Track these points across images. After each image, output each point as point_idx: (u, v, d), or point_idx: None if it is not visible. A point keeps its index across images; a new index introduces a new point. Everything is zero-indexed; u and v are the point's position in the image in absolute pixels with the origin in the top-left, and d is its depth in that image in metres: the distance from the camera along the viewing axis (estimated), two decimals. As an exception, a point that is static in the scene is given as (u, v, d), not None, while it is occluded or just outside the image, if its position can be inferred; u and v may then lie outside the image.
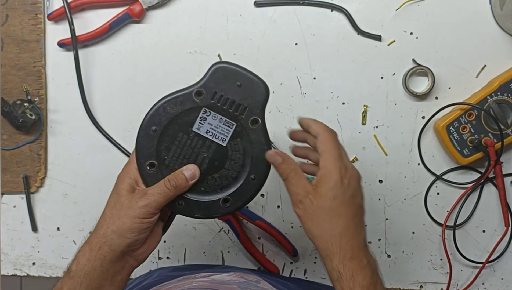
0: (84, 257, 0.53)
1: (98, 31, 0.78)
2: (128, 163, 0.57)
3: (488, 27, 0.77)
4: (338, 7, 0.78)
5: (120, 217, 0.53)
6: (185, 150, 0.56)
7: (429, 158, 0.80)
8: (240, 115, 0.55)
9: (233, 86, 0.55)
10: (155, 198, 0.54)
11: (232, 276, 0.69)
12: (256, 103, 0.56)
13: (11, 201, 0.83)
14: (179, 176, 0.55)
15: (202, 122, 0.55)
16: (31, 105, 0.78)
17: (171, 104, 0.55)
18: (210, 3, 0.79)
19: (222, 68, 0.55)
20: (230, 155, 0.57)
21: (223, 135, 0.56)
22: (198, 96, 0.55)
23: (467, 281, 0.81)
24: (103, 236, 0.53)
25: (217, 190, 0.57)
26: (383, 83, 0.79)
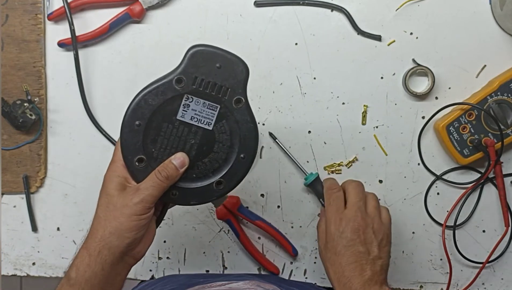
0: (83, 263, 0.52)
1: (98, 31, 0.78)
2: (113, 162, 0.56)
3: (488, 27, 0.77)
4: (338, 7, 0.78)
5: (116, 217, 0.52)
6: (171, 140, 0.55)
7: (429, 158, 0.80)
8: (223, 96, 0.55)
9: (212, 69, 0.54)
10: (149, 192, 0.53)
11: (248, 285, 0.69)
12: (238, 82, 0.55)
13: (11, 201, 0.83)
14: (169, 166, 0.54)
15: (186, 109, 0.55)
16: (31, 105, 0.78)
17: (152, 95, 0.54)
18: (210, 3, 0.79)
19: (199, 52, 0.54)
20: (217, 138, 0.56)
21: (208, 119, 0.55)
22: (178, 83, 0.54)
23: (467, 281, 0.81)
24: (101, 240, 0.52)
25: (208, 174, 0.57)
26: (383, 83, 0.79)
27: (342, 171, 0.81)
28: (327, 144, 0.80)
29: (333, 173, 0.81)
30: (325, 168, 0.81)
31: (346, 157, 0.80)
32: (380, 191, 0.81)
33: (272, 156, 0.81)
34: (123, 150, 0.55)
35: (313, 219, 0.81)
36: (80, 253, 0.53)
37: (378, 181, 0.81)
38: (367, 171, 0.80)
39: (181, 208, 0.82)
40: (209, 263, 0.83)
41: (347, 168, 0.80)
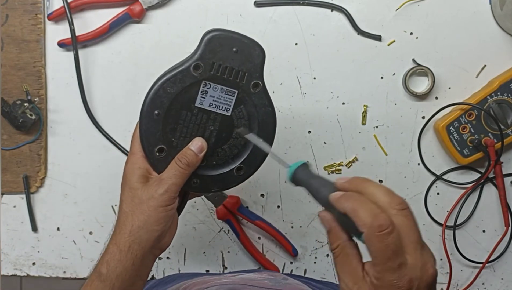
0: (114, 259, 0.51)
1: (98, 31, 0.78)
2: (132, 154, 0.55)
3: (488, 27, 0.77)
4: (338, 7, 0.78)
5: (143, 211, 0.52)
6: (190, 127, 0.54)
7: (429, 158, 0.80)
8: (240, 81, 0.54)
9: (230, 53, 0.53)
10: (173, 181, 0.52)
11: (259, 275, 0.69)
12: (255, 66, 0.54)
13: (11, 201, 0.83)
14: (188, 152, 0.54)
15: (204, 96, 0.54)
16: (31, 105, 0.78)
17: (170, 83, 0.52)
18: (210, 3, 0.79)
19: (216, 37, 0.52)
20: (236, 124, 0.55)
21: (226, 104, 0.54)
22: (196, 70, 0.52)
23: (467, 281, 0.81)
24: (130, 235, 0.52)
25: (228, 160, 0.56)
26: (383, 83, 0.79)
27: (342, 171, 0.81)
28: (327, 144, 0.80)
29: (333, 173, 0.81)
30: (325, 168, 0.81)
31: (346, 157, 0.80)
32: (380, 191, 0.81)
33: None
34: (143, 140, 0.54)
35: (313, 219, 0.81)
36: (110, 249, 0.52)
37: (378, 181, 0.81)
38: (367, 171, 0.80)
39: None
40: (209, 263, 0.83)
41: (347, 168, 0.80)
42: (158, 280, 0.80)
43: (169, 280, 0.76)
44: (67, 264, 0.84)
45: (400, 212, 0.41)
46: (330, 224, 0.45)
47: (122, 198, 0.54)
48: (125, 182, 0.54)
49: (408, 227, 0.40)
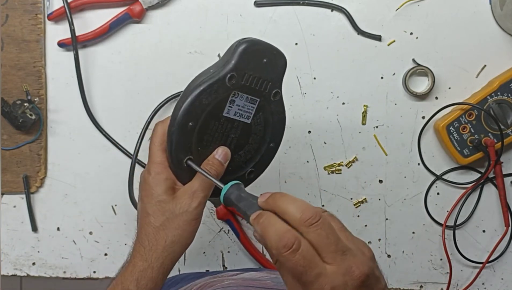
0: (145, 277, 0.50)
1: (98, 31, 0.78)
2: (155, 163, 0.53)
3: (488, 27, 0.77)
4: (338, 7, 0.78)
5: (177, 226, 0.51)
6: (216, 136, 0.54)
7: (429, 158, 0.80)
8: (264, 90, 0.54)
9: (260, 64, 0.53)
10: (204, 194, 0.52)
11: (260, 274, 0.69)
12: (278, 75, 0.54)
13: (11, 201, 0.83)
14: (215, 163, 0.53)
15: (231, 105, 0.53)
16: (31, 105, 0.78)
17: (206, 94, 0.51)
18: (210, 3, 0.79)
19: (251, 48, 0.52)
20: (253, 130, 0.56)
21: (248, 113, 0.55)
22: (230, 80, 0.51)
23: (467, 281, 0.81)
24: (164, 251, 0.50)
25: (242, 165, 0.57)
26: (383, 83, 0.79)
27: (342, 171, 0.81)
28: (327, 144, 0.80)
29: (333, 173, 0.81)
30: (325, 168, 0.81)
31: (346, 157, 0.80)
32: (380, 191, 0.81)
33: (272, 156, 0.81)
34: (173, 152, 0.52)
35: (313, 219, 0.81)
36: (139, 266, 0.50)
37: (378, 181, 0.81)
38: (367, 171, 0.80)
39: (181, 208, 0.82)
40: (209, 263, 0.83)
41: (347, 168, 0.80)
42: None
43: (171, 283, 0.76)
44: (67, 264, 0.84)
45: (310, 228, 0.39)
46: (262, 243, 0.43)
47: (148, 211, 0.52)
48: (150, 194, 0.52)
49: (321, 239, 0.39)
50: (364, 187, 0.81)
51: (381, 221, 0.81)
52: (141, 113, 0.80)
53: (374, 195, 0.81)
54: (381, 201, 0.81)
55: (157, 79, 0.80)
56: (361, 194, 0.81)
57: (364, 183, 0.81)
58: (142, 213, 0.53)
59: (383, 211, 0.81)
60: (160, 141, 0.53)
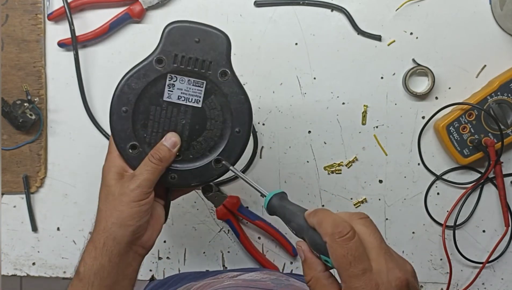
0: (90, 257, 0.52)
1: (98, 31, 0.78)
2: (109, 153, 0.56)
3: (488, 27, 0.77)
4: (338, 7, 0.78)
5: (116, 207, 0.52)
6: (162, 122, 0.54)
7: (429, 158, 0.80)
8: (207, 71, 0.53)
9: (191, 44, 0.52)
10: (144, 177, 0.53)
11: (261, 274, 0.69)
12: (220, 54, 0.53)
13: (11, 201, 0.83)
14: (161, 148, 0.54)
15: (171, 89, 0.53)
16: (31, 105, 0.78)
17: (134, 79, 0.53)
18: (210, 3, 0.79)
19: (176, 28, 0.52)
20: (208, 115, 0.55)
21: (196, 96, 0.54)
22: (159, 63, 0.52)
23: (467, 281, 0.81)
24: (104, 231, 0.52)
25: (206, 153, 0.56)
26: (383, 83, 0.79)
27: (342, 171, 0.81)
28: (327, 144, 0.80)
29: (333, 173, 0.81)
30: (325, 168, 0.81)
31: (346, 157, 0.80)
32: (380, 191, 0.81)
33: (272, 156, 0.81)
34: (115, 138, 0.54)
35: (313, 219, 0.81)
36: (87, 247, 0.53)
37: (378, 181, 0.81)
38: (367, 171, 0.80)
39: (181, 208, 0.82)
40: (209, 263, 0.83)
41: (347, 168, 0.80)
42: (159, 281, 0.79)
43: (172, 282, 0.76)
44: (67, 264, 0.84)
45: (360, 221, 0.42)
46: (305, 254, 0.44)
47: (99, 197, 0.54)
48: (102, 181, 0.55)
49: (369, 234, 0.41)
50: (364, 187, 0.81)
51: (381, 221, 0.81)
52: (141, 113, 0.80)
53: (374, 195, 0.81)
54: (381, 201, 0.81)
55: (157, 79, 0.80)
56: (361, 194, 0.81)
57: (364, 183, 0.81)
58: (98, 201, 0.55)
59: (383, 211, 0.81)
60: None
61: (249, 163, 0.80)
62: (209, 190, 0.79)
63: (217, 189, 0.80)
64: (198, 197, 0.82)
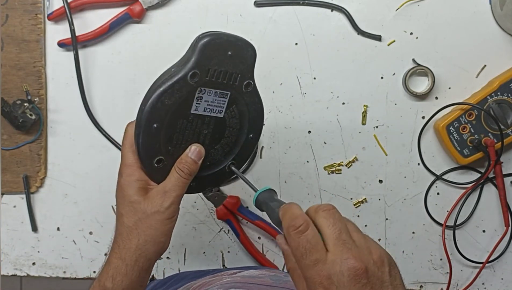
0: (120, 273, 0.51)
1: (98, 31, 0.78)
2: (126, 166, 0.53)
3: (488, 27, 0.77)
4: (338, 7, 0.78)
5: (150, 225, 0.51)
6: (186, 134, 0.53)
7: (429, 158, 0.80)
8: (233, 83, 0.53)
9: (225, 58, 0.51)
10: (177, 193, 0.52)
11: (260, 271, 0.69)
12: (247, 67, 0.53)
13: (11, 201, 0.83)
14: (188, 161, 0.53)
15: (199, 102, 0.52)
16: (31, 105, 0.78)
17: (167, 95, 0.50)
18: (210, 3, 0.79)
19: (212, 43, 0.50)
20: (228, 123, 0.55)
21: (220, 107, 0.54)
22: (193, 78, 0.50)
23: (467, 281, 0.81)
24: (137, 249, 0.51)
25: (221, 159, 0.57)
26: (383, 83, 0.79)
27: (342, 171, 0.81)
28: (327, 144, 0.80)
29: (333, 173, 0.80)
30: (325, 168, 0.81)
31: (346, 157, 0.80)
32: (380, 191, 0.81)
33: (272, 156, 0.81)
34: (142, 154, 0.52)
35: (313, 219, 0.81)
36: (114, 263, 0.51)
37: (378, 181, 0.81)
38: (367, 171, 0.80)
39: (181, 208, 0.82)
40: (209, 263, 0.83)
41: (347, 168, 0.80)
42: (159, 280, 0.79)
43: (173, 281, 0.76)
44: (67, 264, 0.84)
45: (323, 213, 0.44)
46: (282, 247, 0.47)
47: (121, 212, 0.53)
48: (123, 195, 0.53)
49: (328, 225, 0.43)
50: (364, 187, 0.81)
51: (381, 221, 0.81)
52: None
53: (374, 195, 0.81)
54: (381, 201, 0.81)
55: (157, 79, 0.80)
56: (361, 194, 0.81)
57: (364, 183, 0.81)
58: (117, 214, 0.54)
59: (383, 211, 0.81)
60: (130, 143, 0.54)
61: (249, 163, 0.80)
62: (209, 190, 0.79)
63: (217, 189, 0.80)
64: (198, 197, 0.82)
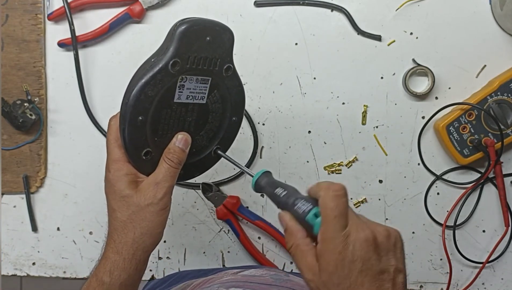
0: (117, 268, 0.51)
1: (98, 31, 0.78)
2: (113, 161, 0.53)
3: (488, 27, 0.77)
4: (338, 7, 0.78)
5: (144, 218, 0.51)
6: (171, 123, 0.53)
7: (429, 158, 0.80)
8: (213, 68, 0.53)
9: (203, 44, 0.51)
10: (169, 183, 0.52)
11: (260, 271, 0.69)
12: (226, 50, 0.53)
13: (11, 201, 0.83)
14: (176, 150, 0.53)
15: (181, 90, 0.52)
16: (31, 105, 0.78)
17: (150, 86, 0.49)
18: (210, 3, 0.79)
19: (190, 30, 0.49)
20: (211, 109, 0.55)
21: (202, 93, 0.53)
22: (174, 66, 0.50)
23: (467, 281, 0.81)
24: (134, 242, 0.51)
25: (206, 144, 0.56)
26: (383, 83, 0.79)
27: (342, 171, 0.81)
28: (327, 144, 0.80)
29: (333, 173, 0.80)
30: (325, 168, 0.81)
31: (346, 157, 0.80)
32: (380, 191, 0.81)
33: (272, 156, 0.81)
34: (129, 147, 0.52)
35: (313, 219, 0.81)
36: (111, 258, 0.51)
37: (378, 181, 0.81)
38: (367, 171, 0.80)
39: (181, 208, 0.82)
40: (209, 263, 0.83)
41: (347, 168, 0.80)
42: (159, 280, 0.80)
43: (173, 280, 0.76)
44: (67, 264, 0.84)
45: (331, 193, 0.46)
46: (286, 223, 0.48)
47: (114, 207, 0.52)
48: (113, 191, 0.52)
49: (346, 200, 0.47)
50: (364, 187, 0.81)
51: (381, 221, 0.81)
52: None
53: (374, 195, 0.81)
54: (381, 201, 0.81)
55: (157, 79, 0.80)
56: (361, 194, 0.81)
57: (364, 183, 0.81)
58: (109, 209, 0.53)
59: (383, 211, 0.81)
60: (115, 137, 0.53)
61: (249, 163, 0.80)
62: (209, 190, 0.80)
63: (217, 189, 0.80)
64: (198, 197, 0.82)
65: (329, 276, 0.44)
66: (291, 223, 0.48)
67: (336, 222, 0.44)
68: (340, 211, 0.45)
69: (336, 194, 0.45)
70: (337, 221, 0.44)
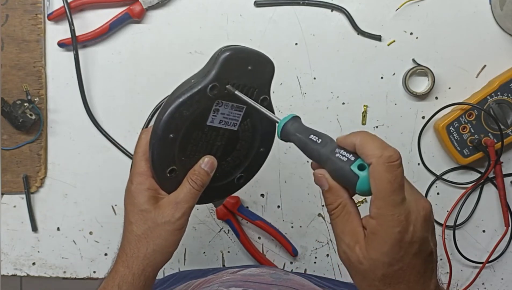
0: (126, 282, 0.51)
1: (98, 31, 0.78)
2: (137, 174, 0.53)
3: (488, 27, 0.77)
4: (338, 7, 0.78)
5: (159, 235, 0.51)
6: (200, 145, 0.53)
7: (429, 158, 0.80)
8: (250, 97, 0.52)
9: (244, 72, 0.51)
10: (189, 204, 0.52)
11: (260, 270, 0.69)
12: (265, 82, 0.53)
13: (11, 201, 0.83)
14: (201, 172, 0.53)
15: (215, 114, 0.52)
16: (31, 105, 0.78)
17: (186, 106, 0.50)
18: (210, 3, 0.79)
19: (233, 57, 0.50)
20: (241, 137, 0.55)
21: (235, 120, 0.54)
22: (212, 90, 0.50)
23: (467, 281, 0.81)
24: (145, 258, 0.51)
25: (230, 171, 0.56)
26: (383, 83, 0.79)
27: (342, 171, 0.80)
28: (327, 144, 0.80)
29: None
30: (325, 168, 0.80)
31: (346, 157, 0.80)
32: (380, 191, 0.81)
33: (272, 156, 0.80)
34: (155, 163, 0.52)
35: (313, 219, 0.81)
36: (121, 271, 0.51)
37: (378, 181, 0.81)
38: (367, 171, 0.80)
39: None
40: (209, 263, 0.83)
41: (347, 168, 0.80)
42: (159, 280, 0.80)
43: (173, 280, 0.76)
44: (67, 264, 0.84)
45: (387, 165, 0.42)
46: (329, 182, 0.44)
47: (131, 220, 0.52)
48: (133, 203, 0.52)
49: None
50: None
51: (381, 221, 0.81)
52: (141, 113, 0.80)
53: (374, 195, 0.81)
54: (381, 201, 0.81)
55: (157, 79, 0.80)
56: (361, 194, 0.81)
57: (364, 183, 0.81)
58: (126, 221, 0.53)
59: (383, 211, 0.81)
60: (143, 151, 0.53)
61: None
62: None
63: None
64: (198, 197, 0.82)
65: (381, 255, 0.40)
66: (334, 182, 0.43)
67: (395, 197, 0.39)
68: (398, 184, 0.40)
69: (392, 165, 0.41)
70: (396, 196, 0.39)
